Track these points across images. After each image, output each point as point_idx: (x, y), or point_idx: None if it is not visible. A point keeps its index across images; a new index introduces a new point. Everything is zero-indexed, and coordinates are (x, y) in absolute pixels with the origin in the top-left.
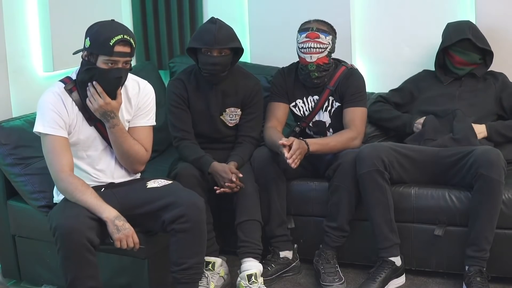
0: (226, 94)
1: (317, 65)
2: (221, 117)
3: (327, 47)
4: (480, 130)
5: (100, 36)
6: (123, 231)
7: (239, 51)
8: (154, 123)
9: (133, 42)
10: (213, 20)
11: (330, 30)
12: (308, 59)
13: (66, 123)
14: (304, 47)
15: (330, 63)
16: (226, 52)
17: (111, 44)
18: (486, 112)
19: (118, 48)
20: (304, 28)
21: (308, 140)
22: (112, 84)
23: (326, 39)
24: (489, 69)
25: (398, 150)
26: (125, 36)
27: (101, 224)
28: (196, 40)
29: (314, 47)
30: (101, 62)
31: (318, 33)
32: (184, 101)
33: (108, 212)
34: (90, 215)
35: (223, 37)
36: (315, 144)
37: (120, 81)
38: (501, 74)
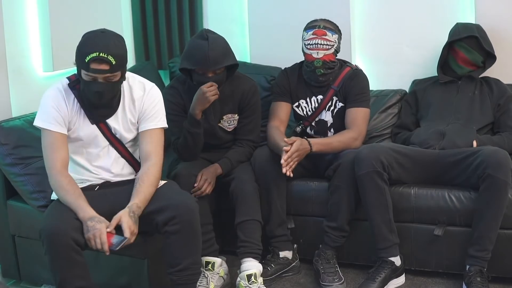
0: (222, 102)
1: (323, 62)
2: (219, 124)
3: (333, 45)
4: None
5: (80, 50)
6: (92, 231)
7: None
8: (166, 126)
9: (111, 59)
10: (203, 36)
11: (336, 29)
12: (315, 55)
13: (65, 120)
14: (310, 43)
15: (335, 62)
16: (220, 70)
17: (86, 61)
18: (484, 120)
19: (94, 65)
20: (311, 25)
21: (311, 140)
22: (94, 98)
23: (333, 37)
24: (485, 75)
25: (398, 150)
26: (100, 54)
27: None
28: (188, 60)
29: (321, 43)
30: (83, 75)
31: (325, 30)
32: (182, 108)
33: (83, 212)
34: (76, 215)
35: (216, 56)
36: (318, 144)
37: (99, 94)
38: (495, 81)
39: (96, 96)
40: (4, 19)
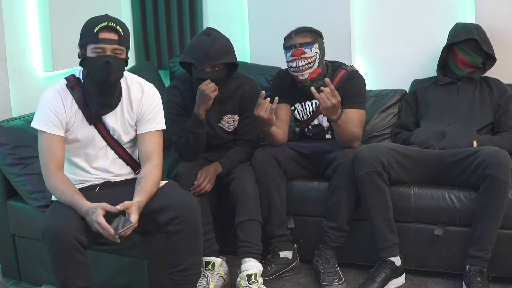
0: (222, 102)
1: (311, 80)
2: (219, 124)
3: (315, 59)
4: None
5: (87, 26)
6: (93, 225)
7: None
8: (164, 127)
9: (120, 30)
10: (207, 32)
11: (314, 37)
12: (301, 77)
13: (62, 122)
14: (292, 66)
15: (324, 69)
16: (219, 67)
17: (95, 31)
18: (484, 120)
19: (103, 35)
20: (288, 45)
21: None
22: (102, 72)
23: (312, 52)
24: (485, 75)
25: (398, 150)
26: (110, 23)
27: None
28: (188, 54)
29: (302, 65)
30: (90, 52)
31: (302, 49)
32: (184, 108)
33: (80, 207)
34: (78, 215)
35: (215, 52)
36: (344, 117)
37: (108, 66)
38: (495, 81)
39: (105, 69)
40: (4, 19)
